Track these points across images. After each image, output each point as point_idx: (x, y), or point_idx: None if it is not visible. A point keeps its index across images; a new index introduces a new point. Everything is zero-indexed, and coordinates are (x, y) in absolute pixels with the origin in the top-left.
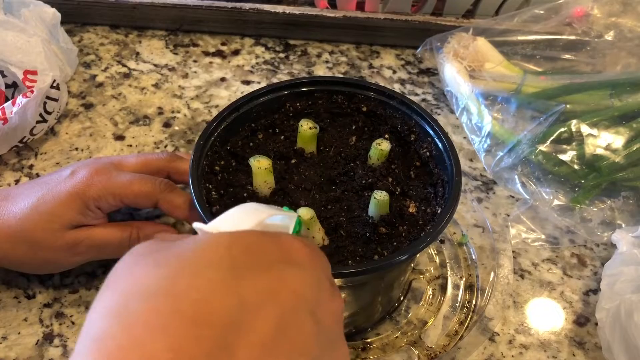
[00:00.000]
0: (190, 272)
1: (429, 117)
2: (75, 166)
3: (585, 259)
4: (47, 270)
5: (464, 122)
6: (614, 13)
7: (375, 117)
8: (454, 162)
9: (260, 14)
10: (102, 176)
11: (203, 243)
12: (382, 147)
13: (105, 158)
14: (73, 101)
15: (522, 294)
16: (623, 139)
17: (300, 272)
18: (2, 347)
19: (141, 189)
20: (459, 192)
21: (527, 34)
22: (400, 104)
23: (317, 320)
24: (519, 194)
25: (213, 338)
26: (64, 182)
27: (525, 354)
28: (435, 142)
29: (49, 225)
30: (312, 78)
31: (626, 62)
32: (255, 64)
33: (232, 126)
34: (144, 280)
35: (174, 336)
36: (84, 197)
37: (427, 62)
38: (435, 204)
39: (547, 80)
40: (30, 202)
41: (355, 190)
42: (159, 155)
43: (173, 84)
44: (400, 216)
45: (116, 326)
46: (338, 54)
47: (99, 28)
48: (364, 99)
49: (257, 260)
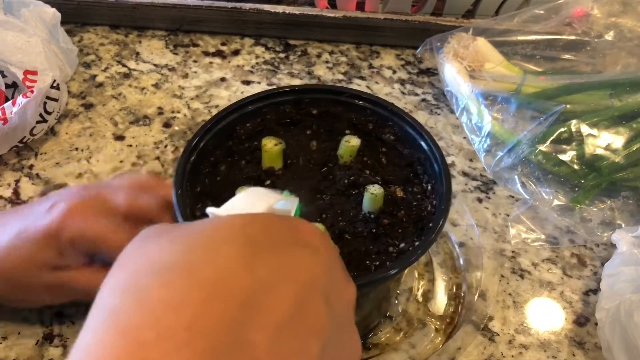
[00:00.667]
0: (205, 248)
1: (384, 102)
2: (56, 197)
3: (585, 259)
4: (31, 305)
5: (464, 122)
6: (614, 13)
7: (328, 117)
8: (431, 143)
9: (260, 14)
10: (77, 216)
11: (218, 222)
12: (352, 143)
13: (95, 187)
14: (73, 101)
15: (522, 294)
16: (623, 139)
17: (314, 255)
18: (2, 347)
19: (115, 240)
20: (449, 181)
21: (527, 34)
22: (351, 97)
23: (330, 304)
24: (519, 194)
25: (229, 315)
26: (41, 218)
27: (525, 354)
28: (399, 125)
29: (26, 265)
30: (256, 95)
31: (626, 62)
32: (255, 64)
33: (193, 168)
34: (157, 256)
35: (190, 313)
36: (58, 237)
37: (427, 62)
38: (418, 182)
39: (547, 80)
40: (7, 239)
41: (341, 192)
42: (148, 202)
43: (173, 84)
44: (393, 203)
45: (129, 302)
46: (338, 54)
47: (99, 28)
48: (311, 103)
49: (272, 240)
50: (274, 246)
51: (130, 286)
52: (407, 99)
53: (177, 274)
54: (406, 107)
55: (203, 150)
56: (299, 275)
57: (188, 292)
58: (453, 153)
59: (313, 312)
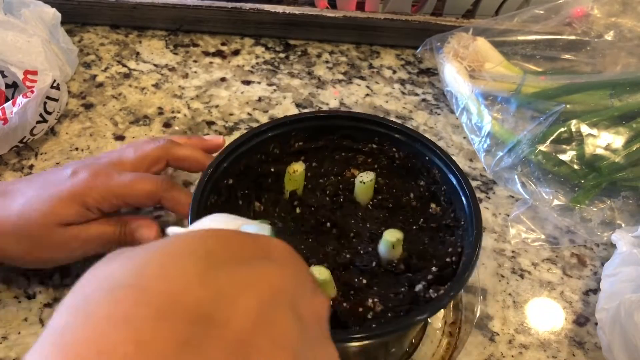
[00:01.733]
0: (159, 263)
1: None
2: (75, 166)
3: (585, 259)
4: (42, 265)
5: (463, 122)
6: (614, 13)
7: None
8: (461, 178)
9: (260, 14)
10: (103, 178)
11: (176, 238)
12: (365, 179)
13: (105, 156)
14: (73, 101)
15: (522, 293)
16: (623, 139)
17: (279, 267)
18: (3, 347)
19: (144, 188)
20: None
21: (527, 34)
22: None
23: (298, 315)
24: (519, 194)
25: (182, 331)
26: (65, 181)
27: (525, 353)
28: (437, 163)
29: (46, 221)
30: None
31: (626, 62)
32: (256, 64)
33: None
34: (110, 274)
35: (137, 328)
36: (85, 198)
37: (427, 62)
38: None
39: (547, 80)
40: (28, 199)
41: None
42: (156, 144)
43: (173, 84)
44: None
45: (74, 318)
46: (338, 54)
47: (99, 28)
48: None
49: (234, 253)
50: (235, 259)
51: (79, 304)
52: (407, 99)
53: (126, 290)
54: (406, 107)
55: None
56: (262, 287)
57: (137, 307)
58: (453, 153)
59: (279, 325)
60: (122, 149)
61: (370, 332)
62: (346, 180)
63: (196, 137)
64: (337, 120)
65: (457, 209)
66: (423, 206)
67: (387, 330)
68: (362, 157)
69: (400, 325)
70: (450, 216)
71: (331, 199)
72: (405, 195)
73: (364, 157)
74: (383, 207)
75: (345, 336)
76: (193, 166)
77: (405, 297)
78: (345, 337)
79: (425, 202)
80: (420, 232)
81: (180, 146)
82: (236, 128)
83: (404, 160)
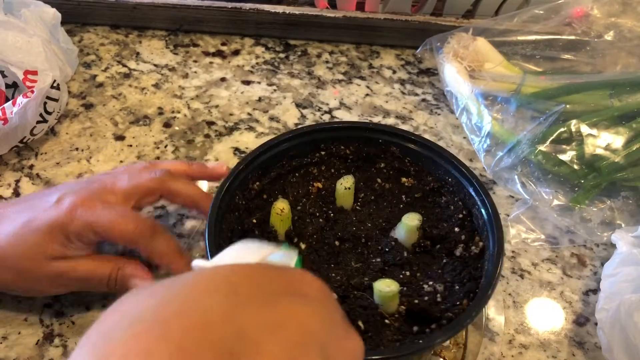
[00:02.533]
0: (183, 299)
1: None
2: (62, 191)
3: (585, 259)
4: (29, 294)
5: (463, 122)
6: (614, 13)
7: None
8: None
9: (260, 14)
10: (85, 210)
11: (201, 273)
12: (348, 184)
13: (99, 179)
14: (73, 101)
15: (521, 293)
16: (623, 139)
17: (310, 305)
18: (3, 347)
19: (124, 229)
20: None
21: (527, 34)
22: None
23: (327, 359)
24: (519, 194)
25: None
26: (49, 210)
27: (525, 353)
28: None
29: (33, 255)
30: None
31: (626, 62)
32: (255, 64)
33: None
34: (132, 309)
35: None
36: (65, 230)
37: (427, 62)
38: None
39: (547, 80)
40: (15, 228)
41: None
42: (151, 175)
43: (173, 84)
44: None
45: (96, 354)
46: (338, 54)
47: (99, 28)
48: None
49: (261, 289)
50: (262, 295)
51: (99, 339)
52: (407, 99)
53: (148, 325)
54: (406, 107)
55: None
56: (288, 328)
57: (157, 343)
58: (453, 153)
59: None
60: (118, 172)
61: (391, 354)
62: (318, 195)
63: (198, 165)
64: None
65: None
66: (397, 181)
67: (408, 352)
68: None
69: (421, 347)
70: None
71: (322, 218)
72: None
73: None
74: (366, 202)
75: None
76: (187, 203)
77: (455, 264)
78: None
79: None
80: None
81: (176, 180)
82: (236, 128)
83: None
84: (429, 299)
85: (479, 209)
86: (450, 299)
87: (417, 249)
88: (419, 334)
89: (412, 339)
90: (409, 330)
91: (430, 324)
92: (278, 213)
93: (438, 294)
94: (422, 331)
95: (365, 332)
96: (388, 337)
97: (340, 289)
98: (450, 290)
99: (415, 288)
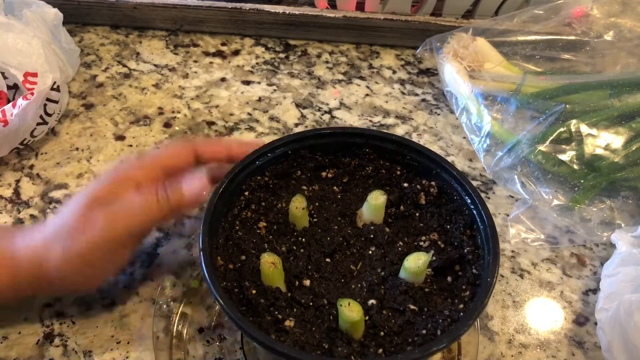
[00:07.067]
0: None
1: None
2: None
3: (585, 259)
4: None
5: (463, 122)
6: (614, 13)
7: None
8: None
9: (261, 14)
10: (99, 210)
11: None
12: (381, 200)
13: (122, 170)
14: (74, 101)
15: (521, 293)
16: (622, 139)
17: None
18: (3, 346)
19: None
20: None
21: (527, 34)
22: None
23: None
24: (519, 193)
25: None
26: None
27: (524, 353)
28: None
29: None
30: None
31: (626, 62)
32: (256, 64)
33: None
34: None
35: None
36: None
37: (427, 62)
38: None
39: (546, 80)
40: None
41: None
42: (153, 154)
43: (173, 84)
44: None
45: None
46: (338, 54)
47: (100, 28)
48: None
49: None
50: None
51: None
52: (407, 99)
53: None
54: (406, 107)
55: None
56: None
57: None
58: (453, 153)
59: None
60: (140, 160)
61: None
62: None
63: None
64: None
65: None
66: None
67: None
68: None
69: (419, 356)
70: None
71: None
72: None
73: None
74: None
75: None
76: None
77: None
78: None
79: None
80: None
81: (205, 142)
82: (236, 128)
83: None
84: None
85: (475, 218)
86: (433, 318)
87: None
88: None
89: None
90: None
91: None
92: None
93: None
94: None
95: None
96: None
97: None
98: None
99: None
